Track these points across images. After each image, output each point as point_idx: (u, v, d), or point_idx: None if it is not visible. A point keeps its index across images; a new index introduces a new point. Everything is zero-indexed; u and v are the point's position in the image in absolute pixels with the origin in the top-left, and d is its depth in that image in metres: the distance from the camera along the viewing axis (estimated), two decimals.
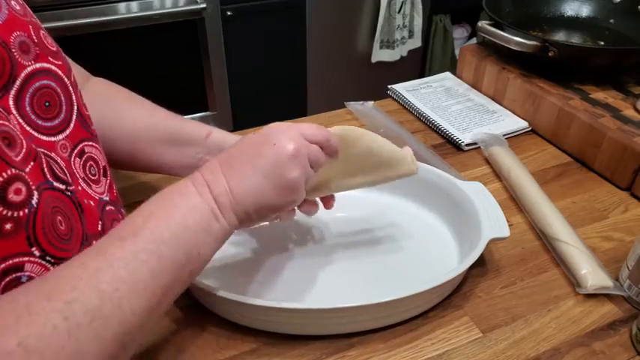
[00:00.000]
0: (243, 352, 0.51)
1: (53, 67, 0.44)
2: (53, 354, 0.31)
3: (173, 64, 1.65)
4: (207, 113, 1.79)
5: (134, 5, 1.52)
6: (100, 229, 0.45)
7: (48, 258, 0.38)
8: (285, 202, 0.45)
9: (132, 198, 0.70)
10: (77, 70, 0.59)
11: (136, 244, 0.37)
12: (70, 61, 0.58)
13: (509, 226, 0.58)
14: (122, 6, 1.51)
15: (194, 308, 0.55)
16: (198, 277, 0.51)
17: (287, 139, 0.45)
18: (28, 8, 0.46)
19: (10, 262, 0.36)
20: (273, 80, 1.88)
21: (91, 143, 0.48)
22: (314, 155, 0.47)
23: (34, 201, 0.37)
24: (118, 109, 0.58)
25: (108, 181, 0.50)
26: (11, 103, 0.40)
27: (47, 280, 0.34)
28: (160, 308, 0.38)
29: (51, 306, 0.32)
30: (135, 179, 0.74)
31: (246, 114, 1.84)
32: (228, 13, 1.64)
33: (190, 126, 0.59)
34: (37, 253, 0.37)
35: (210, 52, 1.67)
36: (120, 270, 0.35)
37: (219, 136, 0.58)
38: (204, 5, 1.57)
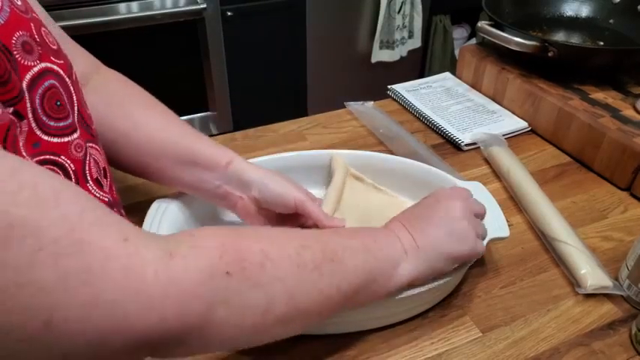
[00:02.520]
0: (243, 351, 0.51)
1: (55, 67, 0.43)
2: (283, 271, 0.38)
3: (173, 64, 1.65)
4: (207, 113, 1.79)
5: (134, 5, 1.52)
6: None
7: None
8: (460, 250, 0.50)
9: (132, 198, 0.70)
10: (86, 59, 0.58)
11: (349, 241, 0.45)
12: (79, 48, 0.56)
13: (509, 226, 0.58)
14: (122, 6, 1.51)
15: None
16: None
17: (457, 196, 0.53)
18: (29, 3, 0.44)
19: None
20: (273, 80, 1.88)
21: (92, 145, 0.48)
22: (476, 210, 0.53)
23: None
24: (134, 117, 0.56)
25: (108, 183, 0.50)
26: (28, 106, 0.39)
27: (271, 234, 0.42)
28: (349, 302, 0.44)
29: (290, 242, 0.40)
30: (135, 179, 0.74)
31: (246, 114, 1.84)
32: (228, 14, 1.64)
33: (209, 150, 0.56)
34: None
35: (210, 52, 1.67)
36: (339, 249, 0.43)
37: (240, 166, 0.56)
38: (204, 5, 1.57)
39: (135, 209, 0.67)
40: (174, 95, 1.66)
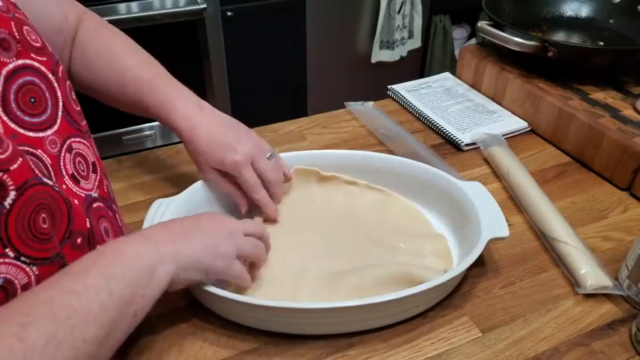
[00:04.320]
0: (244, 351, 0.51)
1: (36, 64, 0.44)
2: None
3: (173, 64, 1.64)
4: None
5: (134, 6, 1.52)
6: (88, 225, 0.45)
7: (23, 259, 0.38)
8: (214, 267, 0.49)
9: (132, 198, 0.70)
10: (73, 8, 0.62)
11: (86, 279, 0.39)
12: (65, 2, 0.61)
13: (509, 226, 0.58)
14: (122, 6, 1.51)
15: (194, 308, 0.55)
16: None
17: (226, 219, 0.53)
18: (12, 3, 0.45)
19: None
20: (273, 80, 1.88)
21: (78, 139, 0.48)
22: (249, 231, 0.54)
23: (8, 202, 0.37)
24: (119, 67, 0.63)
25: (98, 177, 0.50)
26: None
27: (1, 310, 0.36)
28: (108, 342, 0.40)
29: (7, 329, 0.34)
30: (135, 179, 0.74)
31: (246, 114, 1.83)
32: (228, 14, 1.64)
33: (159, 109, 0.61)
34: (11, 254, 0.38)
35: (210, 52, 1.67)
36: (72, 300, 0.37)
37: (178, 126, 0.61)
38: (204, 5, 1.57)
39: (135, 209, 0.68)
40: None
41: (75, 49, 0.61)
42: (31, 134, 0.43)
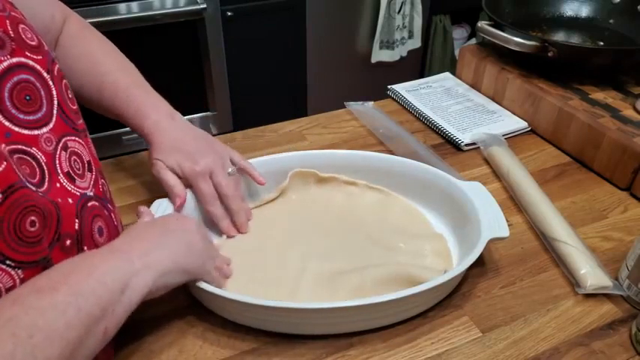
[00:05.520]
0: (244, 351, 0.51)
1: (30, 62, 0.44)
2: None
3: (173, 64, 1.65)
4: (208, 113, 1.79)
5: (134, 6, 1.52)
6: (77, 227, 0.45)
7: (8, 262, 0.38)
8: (198, 267, 0.51)
9: (132, 198, 0.70)
10: (59, 8, 0.63)
11: (54, 296, 0.38)
12: (52, 2, 0.62)
13: (509, 226, 0.58)
14: (122, 6, 1.51)
15: (194, 308, 0.55)
16: None
17: (184, 216, 0.55)
18: (9, 2, 0.45)
19: None
20: (273, 80, 1.88)
21: (74, 138, 0.48)
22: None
23: None
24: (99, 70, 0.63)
25: (93, 177, 0.50)
26: None
27: None
28: (79, 352, 0.38)
29: None
30: (134, 179, 0.74)
31: (246, 114, 1.84)
32: (228, 14, 1.64)
33: (133, 120, 0.62)
34: None
35: (210, 52, 1.67)
36: (36, 318, 0.36)
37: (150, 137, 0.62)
38: (204, 5, 1.57)
39: (134, 209, 0.67)
40: (174, 95, 1.66)
41: (57, 50, 0.62)
42: (25, 132, 0.43)
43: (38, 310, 0.36)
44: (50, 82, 0.46)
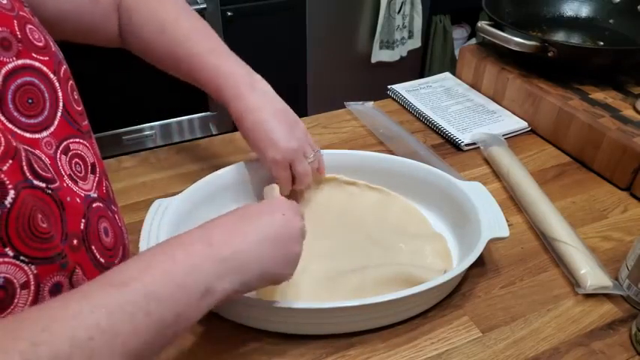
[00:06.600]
0: (244, 351, 0.51)
1: (37, 64, 0.44)
2: None
3: None
4: (208, 113, 1.79)
5: None
6: (82, 227, 0.45)
7: (22, 258, 0.38)
8: (284, 275, 0.46)
9: (132, 198, 0.70)
10: None
11: (125, 294, 0.34)
12: None
13: (509, 226, 0.58)
14: None
15: None
16: None
17: (294, 213, 0.46)
18: (19, 0, 0.45)
19: None
20: (273, 80, 1.86)
21: (77, 140, 0.48)
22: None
23: (8, 201, 0.37)
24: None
25: (97, 178, 0.50)
26: None
27: (21, 317, 0.32)
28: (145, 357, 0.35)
29: (14, 346, 0.29)
30: (134, 179, 0.74)
31: None
32: (228, 14, 1.64)
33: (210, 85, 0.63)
34: (10, 253, 0.37)
35: None
36: (101, 319, 0.32)
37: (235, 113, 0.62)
38: (204, 5, 1.57)
39: (135, 209, 0.68)
40: (175, 95, 1.67)
41: (122, 15, 0.62)
42: (27, 135, 0.43)
43: (105, 308, 0.33)
44: (57, 84, 0.46)
